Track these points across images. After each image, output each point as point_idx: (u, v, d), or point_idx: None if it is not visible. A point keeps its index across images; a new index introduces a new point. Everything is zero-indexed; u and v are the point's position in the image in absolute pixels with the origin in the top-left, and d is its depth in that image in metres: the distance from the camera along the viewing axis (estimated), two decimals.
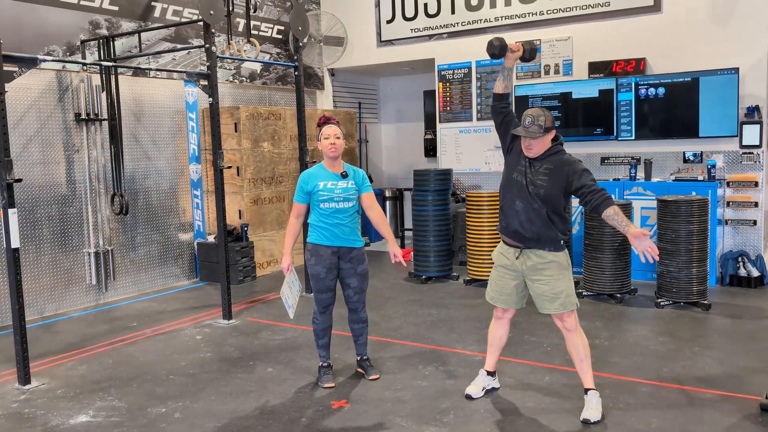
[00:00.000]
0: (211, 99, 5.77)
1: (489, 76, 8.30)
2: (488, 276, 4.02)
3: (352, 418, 3.82)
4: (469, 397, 4.02)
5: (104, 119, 6.70)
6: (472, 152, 8.57)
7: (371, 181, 10.57)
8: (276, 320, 5.91)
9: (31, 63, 4.51)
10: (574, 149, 7.52)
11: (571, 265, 3.81)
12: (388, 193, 10.37)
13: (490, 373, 4.12)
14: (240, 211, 7.87)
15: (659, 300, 5.99)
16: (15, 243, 4.34)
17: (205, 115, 7.58)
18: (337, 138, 4.12)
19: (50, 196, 6.39)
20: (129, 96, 7.01)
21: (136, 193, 7.17)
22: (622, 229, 3.48)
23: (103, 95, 6.63)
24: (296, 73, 6.65)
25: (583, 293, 6.36)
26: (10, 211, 4.30)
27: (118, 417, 3.93)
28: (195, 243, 7.81)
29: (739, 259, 6.69)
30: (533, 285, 3.77)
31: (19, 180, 4.35)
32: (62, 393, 4.34)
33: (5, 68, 4.32)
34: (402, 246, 9.02)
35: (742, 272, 6.64)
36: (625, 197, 6.93)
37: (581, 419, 3.65)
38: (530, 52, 3.92)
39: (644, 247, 3.38)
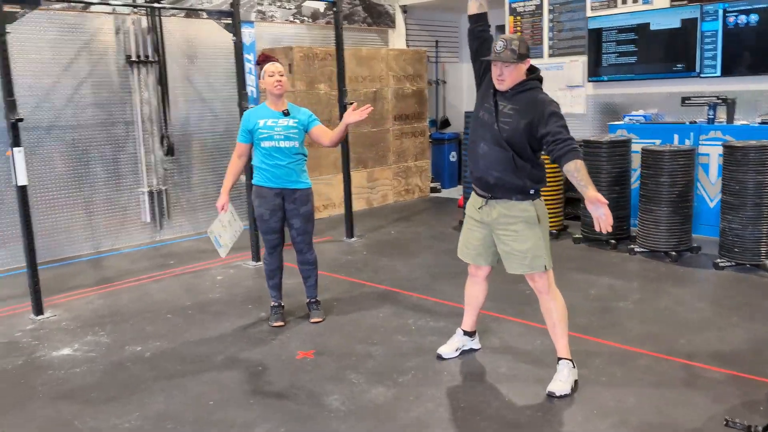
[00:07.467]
0: (234, 38, 5.66)
1: (562, 8, 7.53)
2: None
3: (308, 370, 3.66)
4: (440, 357, 3.73)
5: (154, 61, 6.81)
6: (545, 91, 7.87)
7: (449, 124, 10.13)
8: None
9: (33, 3, 4.59)
10: (649, 88, 6.70)
11: (545, 220, 3.33)
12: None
13: (468, 333, 3.78)
14: None
15: (719, 260, 5.24)
16: (22, 180, 4.52)
17: None
18: (282, 75, 4.09)
19: (104, 137, 6.64)
20: (181, 37, 7.06)
21: (191, 135, 7.29)
22: (580, 189, 3.00)
23: (153, 37, 6.72)
24: (335, 9, 6.36)
25: (635, 249, 5.71)
26: (16, 149, 4.47)
27: (95, 353, 4.03)
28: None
29: None
30: (498, 241, 3.35)
31: (21, 119, 4.47)
32: (65, 325, 4.54)
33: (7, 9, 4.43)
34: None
35: None
36: (700, 143, 6.07)
37: (546, 392, 3.26)
38: None
39: (598, 214, 2.90)
